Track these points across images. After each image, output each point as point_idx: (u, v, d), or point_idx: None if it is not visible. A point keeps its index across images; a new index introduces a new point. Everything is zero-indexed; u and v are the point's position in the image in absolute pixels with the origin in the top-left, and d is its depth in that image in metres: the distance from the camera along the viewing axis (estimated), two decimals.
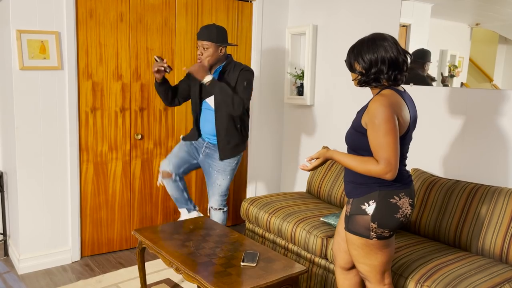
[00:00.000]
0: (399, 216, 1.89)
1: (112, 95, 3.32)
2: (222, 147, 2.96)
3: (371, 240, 1.90)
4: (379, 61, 1.86)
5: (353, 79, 2.00)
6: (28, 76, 2.97)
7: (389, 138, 1.77)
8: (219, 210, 3.10)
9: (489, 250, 2.39)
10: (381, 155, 1.78)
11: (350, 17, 3.49)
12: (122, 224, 3.50)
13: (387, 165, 1.77)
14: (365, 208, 1.90)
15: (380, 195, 1.88)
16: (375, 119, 1.80)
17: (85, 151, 3.26)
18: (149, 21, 3.41)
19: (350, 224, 1.96)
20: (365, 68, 1.90)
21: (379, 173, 1.79)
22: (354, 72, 1.97)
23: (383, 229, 1.88)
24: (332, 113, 3.71)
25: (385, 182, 1.88)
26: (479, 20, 2.79)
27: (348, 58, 1.99)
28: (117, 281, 2.99)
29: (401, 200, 1.89)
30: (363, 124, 1.89)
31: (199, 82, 2.91)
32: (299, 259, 2.84)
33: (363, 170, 1.84)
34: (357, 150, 1.95)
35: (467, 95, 2.78)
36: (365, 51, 1.89)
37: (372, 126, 1.81)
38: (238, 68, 2.95)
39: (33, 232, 3.13)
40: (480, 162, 2.72)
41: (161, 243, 2.43)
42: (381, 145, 1.78)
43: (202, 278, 2.04)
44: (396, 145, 1.78)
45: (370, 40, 1.91)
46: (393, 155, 1.77)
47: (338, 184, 3.26)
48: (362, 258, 1.97)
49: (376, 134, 1.79)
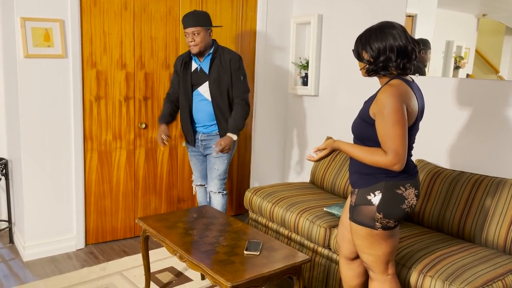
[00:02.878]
0: (405, 207, 1.89)
1: (116, 84, 3.32)
2: (223, 135, 3.02)
3: (376, 230, 1.90)
4: (387, 49, 1.84)
5: (361, 68, 1.97)
6: (32, 64, 2.96)
7: (397, 129, 1.76)
8: (219, 194, 3.15)
9: (492, 241, 2.39)
10: (389, 146, 1.77)
11: (355, 6, 3.46)
12: (126, 213, 3.52)
13: (395, 156, 1.76)
14: (370, 199, 1.90)
15: (386, 185, 1.87)
16: (384, 109, 1.78)
17: (89, 139, 3.27)
18: (153, 10, 3.39)
19: (355, 214, 1.95)
20: (373, 56, 1.87)
21: (387, 164, 1.78)
22: (362, 61, 1.94)
23: (388, 219, 1.88)
24: (336, 104, 3.69)
25: (392, 173, 1.87)
26: (486, 10, 2.76)
27: (355, 47, 1.96)
28: (121, 268, 3.01)
29: (407, 191, 1.89)
30: (371, 114, 1.87)
31: (189, 72, 3.02)
32: (302, 248, 2.85)
33: (371, 161, 1.83)
34: (364, 140, 1.94)
35: (472, 86, 2.76)
36: (373, 39, 1.87)
37: (381, 116, 1.79)
38: (227, 54, 3.01)
39: (38, 220, 3.15)
40: (485, 154, 2.70)
41: (165, 231, 2.44)
42: (389, 136, 1.77)
43: (206, 266, 2.05)
44: (404, 136, 1.77)
45: (378, 28, 1.88)
46: (401, 146, 1.76)
47: (342, 175, 3.26)
48: (367, 248, 1.97)
49: (385, 124, 1.78)
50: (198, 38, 2.90)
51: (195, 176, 3.30)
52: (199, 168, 3.25)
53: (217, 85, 2.97)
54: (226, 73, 2.99)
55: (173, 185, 3.72)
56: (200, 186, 3.30)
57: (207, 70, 3.00)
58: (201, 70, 3.02)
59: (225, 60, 2.99)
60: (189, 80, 3.03)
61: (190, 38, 2.92)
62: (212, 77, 2.97)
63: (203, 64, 3.01)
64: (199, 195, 3.33)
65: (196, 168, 3.26)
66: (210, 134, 3.08)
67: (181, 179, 3.75)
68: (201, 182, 3.29)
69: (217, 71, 2.97)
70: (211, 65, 2.98)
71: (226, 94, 3.00)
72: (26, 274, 2.94)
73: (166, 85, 3.52)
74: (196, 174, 3.28)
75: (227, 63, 2.99)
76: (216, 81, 2.97)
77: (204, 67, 3.01)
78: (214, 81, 2.97)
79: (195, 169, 3.27)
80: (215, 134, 3.07)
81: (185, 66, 3.05)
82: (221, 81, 2.98)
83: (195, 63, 3.04)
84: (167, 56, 3.51)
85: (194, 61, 3.05)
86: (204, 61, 3.01)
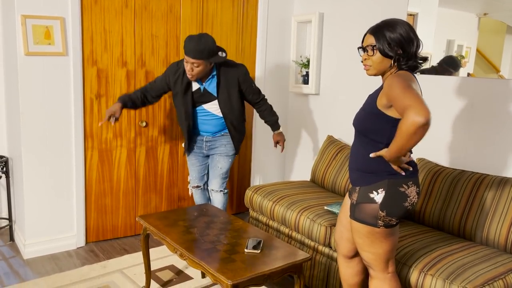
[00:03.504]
0: (407, 205, 1.88)
1: (117, 82, 3.31)
2: (236, 143, 3.09)
3: (377, 228, 1.90)
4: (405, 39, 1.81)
5: (392, 65, 1.86)
6: (33, 62, 2.96)
7: (409, 91, 1.68)
8: (220, 192, 3.14)
9: (493, 240, 2.38)
10: (403, 104, 1.65)
11: (356, 4, 3.45)
12: (127, 211, 3.52)
13: (411, 111, 1.60)
14: (373, 197, 1.89)
15: (389, 183, 1.87)
16: (392, 85, 1.74)
17: (89, 137, 3.27)
18: (154, 8, 3.38)
19: (357, 212, 1.95)
20: (402, 46, 1.81)
21: (412, 122, 1.59)
22: (390, 57, 1.84)
23: (391, 217, 1.88)
24: (337, 102, 3.69)
25: (394, 171, 1.85)
26: (487, 9, 2.75)
27: (380, 46, 1.84)
28: (122, 266, 3.01)
29: (409, 188, 1.88)
30: (379, 106, 1.84)
31: (190, 92, 2.92)
32: (303, 247, 2.85)
33: (407, 130, 1.63)
34: (368, 133, 1.92)
35: (473, 84, 2.75)
36: (391, 31, 1.82)
37: (391, 91, 1.74)
38: (231, 71, 2.91)
39: (38, 218, 3.15)
40: (486, 152, 2.70)
41: (166, 229, 2.44)
42: (401, 100, 1.67)
43: (207, 264, 2.05)
44: (417, 94, 1.67)
45: (391, 21, 1.86)
46: (415, 100, 1.62)
47: (343, 173, 3.25)
48: (367, 247, 1.96)
49: (396, 97, 1.70)
50: (197, 70, 2.76)
51: (191, 177, 3.25)
52: (198, 169, 3.20)
53: (228, 105, 2.95)
54: (235, 90, 2.95)
55: (174, 184, 3.72)
56: (197, 188, 3.26)
57: (214, 92, 2.92)
58: (205, 91, 2.93)
59: (232, 77, 2.92)
60: (190, 100, 2.94)
61: (188, 67, 2.76)
62: (222, 98, 2.92)
63: (207, 86, 2.92)
64: (196, 196, 3.29)
65: (194, 168, 3.21)
66: (216, 136, 3.07)
67: (182, 178, 3.75)
68: (198, 183, 3.24)
69: (226, 91, 2.92)
70: (218, 87, 2.91)
71: (237, 109, 3.01)
72: (27, 272, 2.94)
73: None
74: (193, 174, 3.22)
75: (235, 81, 2.93)
76: (227, 102, 2.94)
77: (209, 89, 2.92)
78: (224, 102, 2.93)
79: (193, 169, 3.21)
80: (221, 135, 3.06)
81: (186, 86, 2.90)
82: (232, 99, 2.95)
83: (196, 83, 2.93)
84: (167, 54, 3.51)
85: (196, 81, 2.92)
86: (207, 82, 2.91)
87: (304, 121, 4.05)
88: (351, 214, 1.99)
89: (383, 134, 1.85)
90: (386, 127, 1.85)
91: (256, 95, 3.08)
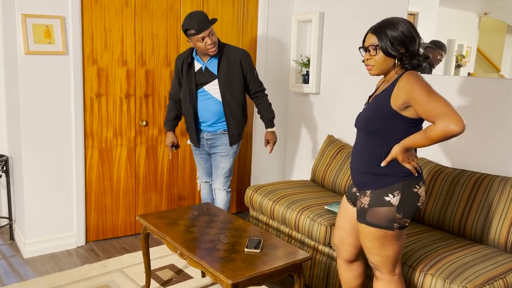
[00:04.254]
0: (419, 204, 1.88)
1: (117, 81, 3.31)
2: (232, 135, 3.02)
3: (392, 231, 1.86)
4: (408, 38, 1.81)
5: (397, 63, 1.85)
6: (33, 61, 2.96)
7: (435, 96, 1.69)
8: (223, 191, 3.14)
9: (494, 240, 2.38)
10: (437, 111, 1.66)
11: (357, 4, 3.45)
12: (127, 210, 3.51)
13: (444, 118, 1.63)
14: (389, 200, 1.84)
15: (405, 185, 1.84)
16: (414, 87, 1.73)
17: (90, 137, 3.26)
18: (154, 7, 3.38)
19: (369, 216, 1.89)
20: (405, 44, 1.80)
21: (446, 129, 1.63)
22: (393, 56, 1.83)
23: (406, 218, 1.86)
24: (337, 102, 3.68)
25: (408, 172, 1.83)
26: (488, 9, 2.75)
27: (383, 45, 1.82)
28: (122, 266, 3.01)
29: (420, 188, 1.88)
30: (394, 107, 1.80)
31: (193, 71, 2.96)
32: (303, 246, 2.85)
33: (439, 135, 1.67)
34: (377, 134, 1.88)
35: (474, 84, 2.75)
36: (391, 29, 1.81)
37: (415, 94, 1.72)
38: (234, 52, 2.98)
39: (38, 217, 3.15)
40: (487, 152, 2.69)
41: (166, 228, 2.44)
42: (433, 106, 1.68)
43: (207, 263, 2.05)
44: (446, 100, 1.68)
45: (387, 21, 1.85)
46: (446, 106, 1.66)
47: (343, 173, 3.25)
48: (377, 250, 1.92)
49: (422, 101, 1.70)
50: (215, 37, 2.84)
51: (199, 174, 3.28)
52: (204, 166, 3.23)
53: (228, 85, 2.93)
54: (237, 72, 2.95)
55: (174, 183, 3.72)
56: (206, 183, 3.29)
57: (214, 70, 2.93)
58: (206, 70, 2.95)
59: (234, 58, 2.94)
60: (193, 80, 2.97)
61: (209, 41, 2.80)
62: (222, 77, 2.92)
63: (208, 64, 2.94)
64: (204, 191, 3.32)
65: (200, 166, 3.24)
66: (216, 133, 3.04)
67: (182, 177, 3.75)
68: (206, 179, 3.27)
69: (226, 70, 2.93)
70: (219, 65, 2.92)
71: (237, 93, 2.98)
72: (27, 271, 2.94)
73: (167, 83, 3.52)
74: (201, 171, 3.26)
75: (237, 62, 2.94)
76: (227, 81, 2.93)
77: (211, 67, 2.94)
78: (224, 81, 2.92)
79: (200, 167, 3.25)
80: (221, 133, 3.04)
81: (188, 66, 2.97)
82: (232, 80, 2.94)
83: (198, 62, 2.97)
84: (168, 53, 3.50)
85: (197, 61, 2.97)
86: (209, 60, 2.94)
87: (304, 120, 4.04)
88: (360, 218, 1.93)
89: (396, 134, 1.83)
90: (401, 127, 1.82)
91: (256, 84, 3.07)
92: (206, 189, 3.31)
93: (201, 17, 2.81)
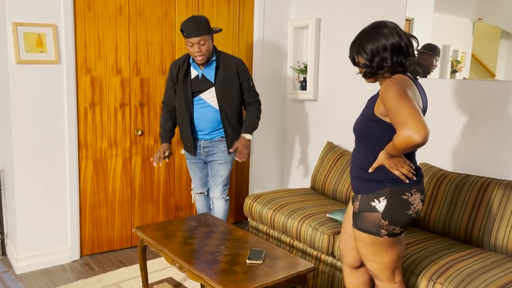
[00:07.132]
0: (411, 213, 1.83)
1: (112, 90, 3.25)
2: (231, 142, 2.98)
3: (381, 237, 1.84)
4: (380, 49, 1.80)
5: (359, 73, 1.94)
6: (24, 70, 2.89)
7: (404, 102, 1.64)
8: (222, 199, 3.09)
9: (502, 246, 2.32)
10: (400, 120, 1.62)
11: (353, 10, 3.42)
12: (123, 222, 3.43)
13: (405, 128, 1.59)
14: (375, 205, 1.83)
15: (391, 191, 1.82)
16: (386, 94, 1.71)
17: (84, 147, 3.19)
18: (148, 14, 3.33)
19: (359, 221, 1.89)
20: (368, 59, 1.84)
21: (404, 140, 1.60)
22: (359, 66, 1.91)
23: (394, 226, 1.82)
24: (335, 108, 3.64)
25: (397, 179, 1.80)
26: (482, 14, 2.76)
27: (350, 53, 1.93)
28: (118, 280, 2.93)
29: (413, 196, 1.83)
30: (376, 112, 1.82)
31: (189, 79, 2.92)
32: (305, 256, 2.78)
33: (400, 144, 1.64)
34: (367, 140, 1.89)
35: (475, 87, 2.71)
36: (366, 42, 1.84)
37: (385, 101, 1.70)
38: (230, 60, 2.95)
39: (31, 231, 3.06)
40: (491, 155, 2.65)
41: (164, 240, 2.37)
42: (394, 112, 1.64)
43: (207, 276, 1.98)
44: (411, 107, 1.62)
45: (369, 30, 1.87)
46: (410, 116, 1.60)
47: (344, 180, 3.19)
48: (372, 256, 1.91)
49: (391, 108, 1.67)
50: (204, 47, 2.78)
51: (194, 184, 3.21)
52: (199, 176, 3.16)
53: (224, 93, 2.90)
54: (233, 81, 2.93)
55: (171, 193, 3.64)
56: (200, 194, 3.22)
57: (211, 78, 2.91)
58: (203, 77, 2.92)
59: (230, 66, 2.92)
60: (189, 87, 2.93)
61: (196, 48, 2.77)
62: (219, 86, 2.90)
63: (205, 72, 2.92)
64: (199, 203, 3.24)
65: (196, 176, 3.17)
66: (213, 140, 3.00)
67: (179, 187, 3.67)
68: (201, 190, 3.20)
69: (223, 79, 2.90)
70: (216, 73, 2.90)
71: (234, 101, 2.95)
72: (19, 287, 2.84)
73: (163, 91, 3.44)
74: (196, 182, 3.19)
75: (234, 70, 2.93)
76: (224, 89, 2.90)
77: (207, 75, 2.92)
78: (221, 89, 2.90)
79: (195, 177, 3.17)
80: (219, 140, 3.00)
81: (185, 73, 2.93)
82: (229, 88, 2.92)
83: (194, 70, 2.95)
84: (163, 61, 3.45)
85: (194, 68, 2.95)
86: (206, 68, 2.91)
87: (302, 127, 3.99)
88: (353, 222, 1.94)
89: (381, 140, 1.81)
90: (385, 132, 1.81)
91: (251, 94, 3.03)
92: (201, 201, 3.23)
93: (197, 22, 2.78)
